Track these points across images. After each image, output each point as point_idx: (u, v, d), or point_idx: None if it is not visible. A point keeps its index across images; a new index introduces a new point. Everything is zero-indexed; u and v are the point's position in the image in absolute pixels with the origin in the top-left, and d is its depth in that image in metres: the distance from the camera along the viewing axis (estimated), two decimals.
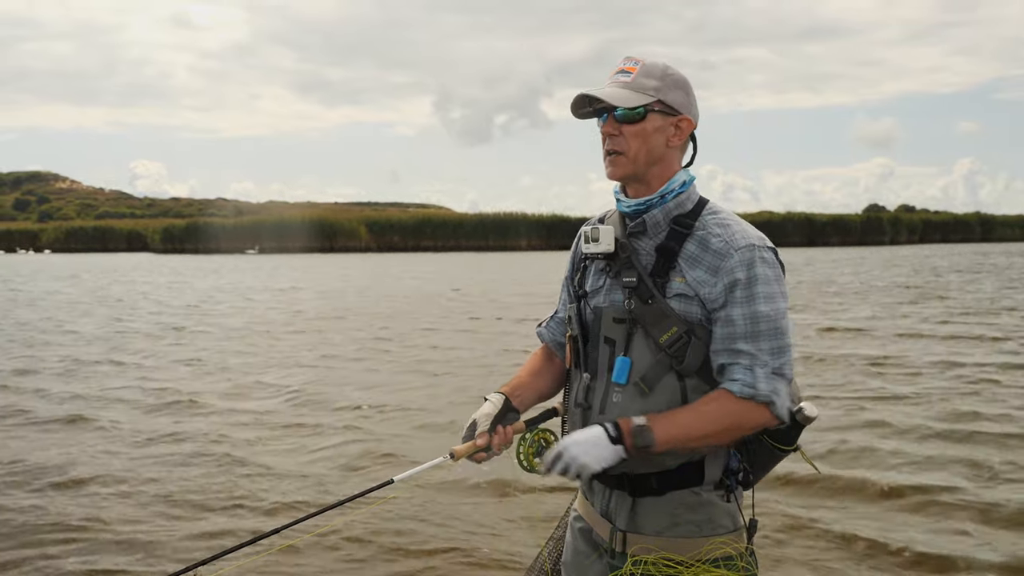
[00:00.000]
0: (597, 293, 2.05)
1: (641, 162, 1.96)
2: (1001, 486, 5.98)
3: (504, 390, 2.12)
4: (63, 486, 6.17)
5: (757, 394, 1.86)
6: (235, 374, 11.37)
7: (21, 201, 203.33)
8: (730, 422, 1.88)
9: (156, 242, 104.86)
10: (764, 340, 1.88)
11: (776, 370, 1.89)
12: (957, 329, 15.12)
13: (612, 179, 2.01)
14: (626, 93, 1.94)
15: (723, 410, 1.87)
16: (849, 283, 29.95)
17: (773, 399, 1.87)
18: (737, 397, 1.87)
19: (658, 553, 1.93)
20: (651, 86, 1.95)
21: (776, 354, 1.89)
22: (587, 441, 1.86)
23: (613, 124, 1.96)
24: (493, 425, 2.02)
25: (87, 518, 5.47)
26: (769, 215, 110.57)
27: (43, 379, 11.01)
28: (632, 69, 1.96)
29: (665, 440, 1.86)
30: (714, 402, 1.89)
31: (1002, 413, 8.18)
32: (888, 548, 4.95)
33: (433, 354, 13.15)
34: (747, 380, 1.87)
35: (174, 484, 6.21)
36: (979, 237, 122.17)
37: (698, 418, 1.88)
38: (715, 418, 1.87)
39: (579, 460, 1.86)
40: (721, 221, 1.95)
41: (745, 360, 1.87)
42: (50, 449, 7.21)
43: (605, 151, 1.99)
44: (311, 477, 6.43)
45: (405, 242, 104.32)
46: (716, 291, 1.90)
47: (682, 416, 1.89)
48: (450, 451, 1.98)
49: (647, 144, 1.95)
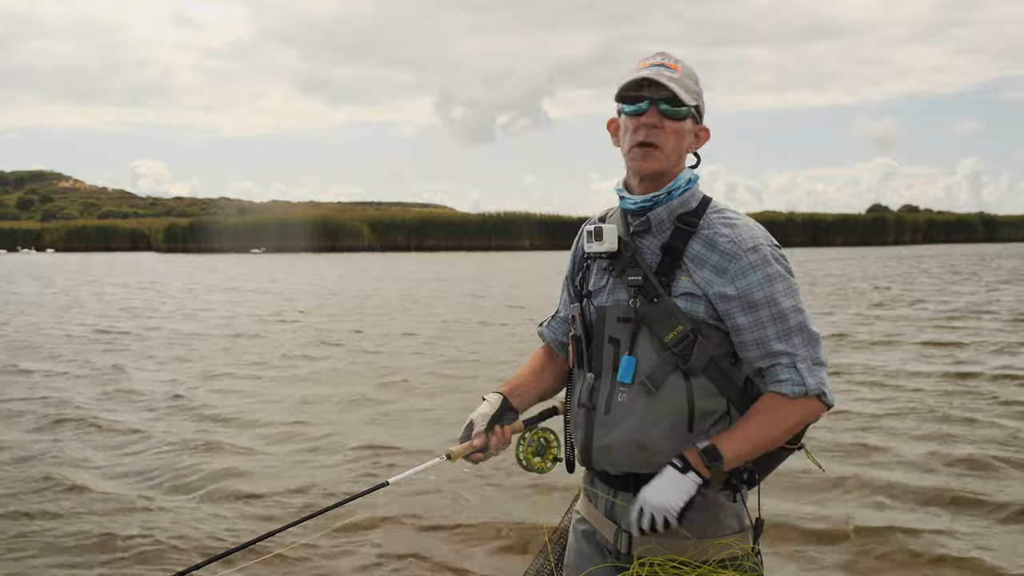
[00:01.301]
0: (600, 292, 2.02)
1: (672, 161, 1.95)
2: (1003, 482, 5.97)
3: (502, 390, 2.10)
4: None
5: (808, 389, 1.87)
6: (115, 381, 10.67)
7: (24, 200, 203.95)
8: (792, 423, 1.89)
9: (159, 241, 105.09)
10: (796, 336, 1.89)
11: (815, 361, 1.90)
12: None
13: (642, 173, 1.95)
14: (682, 89, 1.89)
15: (782, 414, 1.88)
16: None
17: (823, 389, 1.89)
18: (790, 398, 1.88)
19: (665, 554, 1.91)
20: (693, 90, 1.94)
21: (810, 345, 1.90)
22: (662, 485, 1.85)
23: (657, 116, 1.91)
24: (490, 425, 1.99)
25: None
26: (773, 215, 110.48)
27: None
28: (675, 67, 1.92)
29: (735, 456, 1.87)
30: (770, 409, 1.89)
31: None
32: (893, 545, 4.92)
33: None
34: (795, 379, 1.87)
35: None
36: (982, 237, 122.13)
37: (761, 427, 1.88)
38: (776, 423, 1.89)
39: (663, 506, 1.84)
40: (727, 220, 1.94)
41: (785, 360, 1.89)
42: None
43: (636, 141, 1.92)
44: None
45: (408, 242, 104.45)
46: (728, 292, 1.89)
47: (746, 430, 1.88)
48: (446, 452, 1.96)
49: (679, 145, 1.94)
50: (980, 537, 5.09)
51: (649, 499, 1.84)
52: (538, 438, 2.08)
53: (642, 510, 1.85)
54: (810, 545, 5.00)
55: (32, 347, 14.19)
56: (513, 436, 2.04)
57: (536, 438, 2.07)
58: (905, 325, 16.12)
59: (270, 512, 5.62)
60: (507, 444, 1.95)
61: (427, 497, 5.82)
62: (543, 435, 2.09)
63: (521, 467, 2.07)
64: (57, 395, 9.66)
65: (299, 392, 9.98)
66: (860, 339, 14.01)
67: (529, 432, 2.07)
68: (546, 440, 2.09)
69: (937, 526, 5.25)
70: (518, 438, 2.06)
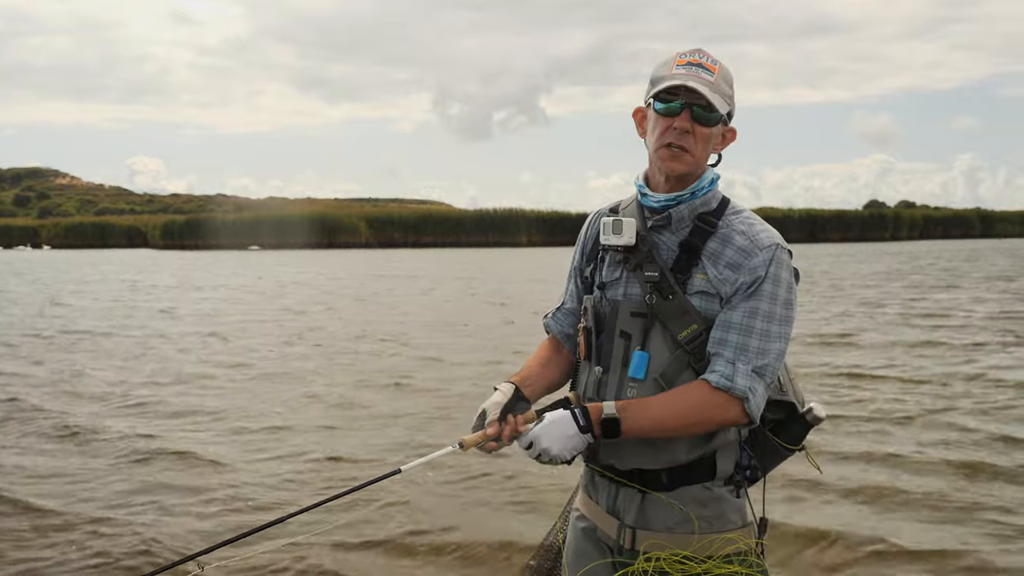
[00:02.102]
0: (614, 285, 2.03)
1: (700, 164, 1.96)
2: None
3: (514, 380, 2.09)
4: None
5: (733, 388, 1.85)
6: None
7: (21, 197, 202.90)
8: (702, 414, 1.87)
9: (156, 238, 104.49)
10: (755, 337, 1.87)
11: (757, 369, 1.87)
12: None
13: (672, 173, 1.95)
14: (717, 97, 1.90)
15: (697, 400, 1.87)
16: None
17: (748, 396, 1.85)
18: (712, 388, 1.86)
19: (670, 549, 1.91)
20: (728, 94, 1.95)
21: (761, 354, 1.87)
22: (557, 430, 1.88)
23: (689, 121, 1.90)
24: (503, 414, 1.97)
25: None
26: (771, 211, 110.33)
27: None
28: (714, 69, 1.92)
29: (634, 431, 1.87)
30: (689, 392, 1.88)
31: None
32: (890, 545, 4.96)
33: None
34: (726, 372, 1.86)
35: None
36: (979, 233, 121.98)
37: (670, 407, 1.87)
38: (687, 409, 1.87)
39: (551, 451, 1.88)
40: (745, 220, 1.96)
41: (729, 353, 1.87)
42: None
43: (666, 142, 1.92)
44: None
45: (405, 238, 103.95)
46: (736, 286, 1.90)
47: (655, 406, 1.87)
48: (459, 440, 1.95)
49: (708, 148, 1.96)
50: (980, 539, 5.10)
51: (543, 441, 1.88)
52: None
53: (532, 444, 1.90)
54: (809, 547, 5.01)
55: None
56: (525, 426, 2.04)
57: None
58: (894, 327, 16.08)
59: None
60: (519, 434, 1.95)
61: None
62: None
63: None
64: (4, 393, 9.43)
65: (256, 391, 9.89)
66: (857, 339, 13.97)
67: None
68: None
69: (938, 529, 5.26)
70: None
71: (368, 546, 4.99)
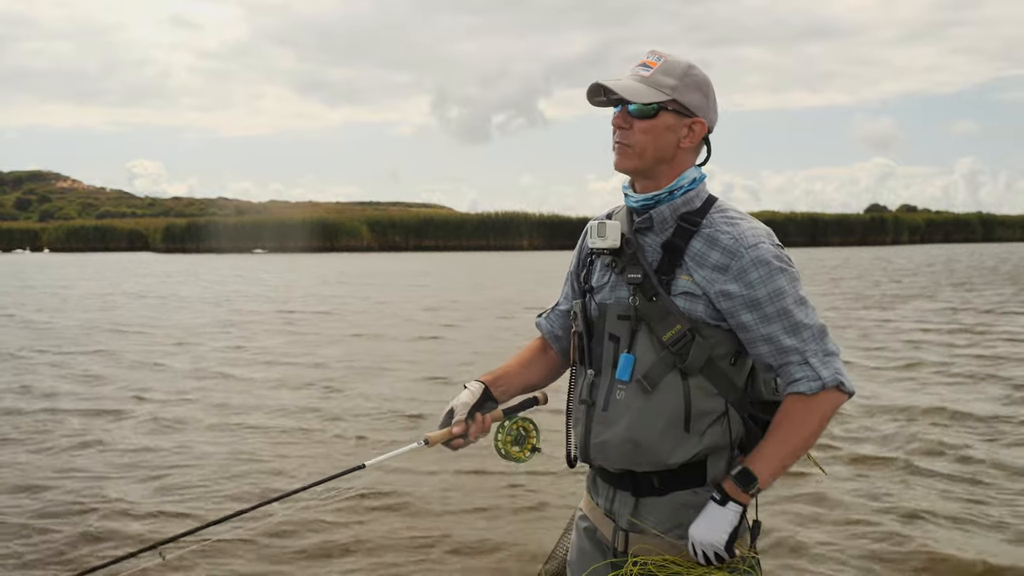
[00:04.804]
0: (602, 289, 2.03)
1: (648, 158, 1.94)
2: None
3: (485, 379, 2.11)
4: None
5: (825, 382, 1.88)
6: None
7: (22, 200, 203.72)
8: (817, 421, 1.89)
9: (157, 241, 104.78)
10: (804, 330, 1.89)
11: (826, 352, 1.90)
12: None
13: (617, 169, 2.01)
14: (641, 88, 1.91)
15: (804, 415, 1.88)
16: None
17: (839, 378, 1.89)
18: (809, 396, 1.86)
19: (659, 554, 1.93)
20: (668, 84, 1.92)
21: (818, 338, 1.91)
22: (706, 522, 1.88)
23: (625, 117, 1.96)
24: (471, 413, 2.01)
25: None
26: (772, 214, 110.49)
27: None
28: (653, 64, 1.96)
29: (769, 474, 1.87)
30: (791, 415, 1.89)
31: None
32: (889, 549, 4.85)
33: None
34: (809, 375, 1.88)
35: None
36: (980, 237, 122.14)
37: (788, 436, 1.87)
38: (801, 426, 1.88)
39: (710, 542, 1.85)
40: (729, 219, 1.92)
41: (796, 357, 1.87)
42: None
43: (614, 141, 2.00)
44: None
45: (407, 242, 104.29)
46: (731, 290, 1.87)
47: (774, 444, 1.87)
48: (424, 437, 1.98)
49: (656, 141, 1.93)
50: (980, 541, 5.01)
51: (696, 537, 1.88)
52: (517, 427, 2.07)
53: (695, 549, 1.87)
54: (808, 547, 4.91)
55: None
56: (493, 424, 2.05)
57: (515, 427, 2.07)
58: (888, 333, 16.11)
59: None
60: (486, 432, 1.97)
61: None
62: (522, 424, 2.08)
63: (499, 456, 2.06)
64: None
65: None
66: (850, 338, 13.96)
67: (508, 421, 2.07)
68: (525, 430, 2.08)
69: (936, 533, 5.16)
70: (497, 427, 2.06)
71: (360, 549, 4.87)
